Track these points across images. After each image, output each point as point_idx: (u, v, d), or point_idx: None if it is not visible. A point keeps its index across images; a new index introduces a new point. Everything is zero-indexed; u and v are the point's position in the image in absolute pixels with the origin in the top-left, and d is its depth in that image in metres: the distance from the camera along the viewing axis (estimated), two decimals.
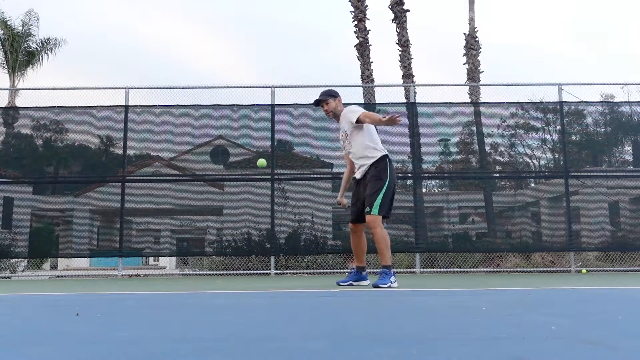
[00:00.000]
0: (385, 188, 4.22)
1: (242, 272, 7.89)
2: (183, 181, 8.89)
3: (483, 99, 11.13)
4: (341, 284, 4.55)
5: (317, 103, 4.52)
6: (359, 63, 11.41)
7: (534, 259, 8.29)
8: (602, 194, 8.68)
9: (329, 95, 4.50)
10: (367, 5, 11.68)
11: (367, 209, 4.23)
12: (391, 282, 4.22)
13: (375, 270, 7.94)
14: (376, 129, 4.47)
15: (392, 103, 8.96)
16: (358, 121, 4.24)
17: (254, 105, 8.36)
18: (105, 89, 8.65)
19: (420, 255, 7.85)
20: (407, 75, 11.42)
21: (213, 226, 11.34)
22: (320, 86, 8.61)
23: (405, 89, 10.52)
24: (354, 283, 4.56)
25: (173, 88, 8.51)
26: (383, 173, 4.28)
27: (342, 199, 4.78)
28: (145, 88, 9.05)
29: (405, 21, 11.66)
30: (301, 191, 8.46)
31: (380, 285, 4.15)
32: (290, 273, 7.80)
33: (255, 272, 7.90)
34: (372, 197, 4.23)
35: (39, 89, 8.89)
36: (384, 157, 4.34)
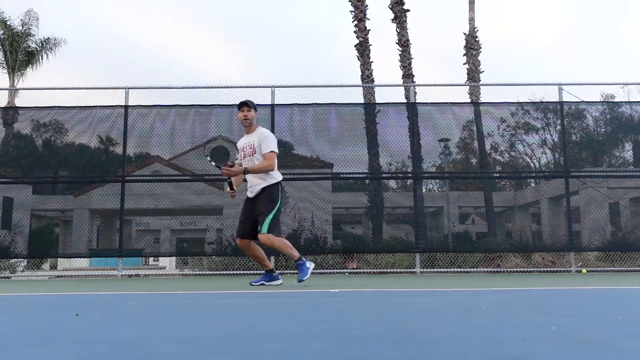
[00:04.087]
0: (275, 210, 4.57)
1: (242, 272, 7.89)
2: (183, 181, 8.89)
3: (483, 99, 11.13)
4: (253, 284, 4.73)
5: (243, 104, 4.76)
6: (359, 63, 11.40)
7: (534, 259, 8.29)
8: (602, 194, 8.68)
9: (254, 106, 4.83)
10: (367, 5, 11.69)
11: (259, 228, 4.52)
12: (309, 269, 4.59)
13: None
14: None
15: (392, 103, 8.96)
16: (264, 153, 4.61)
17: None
18: (105, 88, 8.65)
19: (420, 255, 7.85)
20: (407, 75, 11.42)
21: (213, 226, 11.33)
22: (320, 86, 8.68)
23: (405, 89, 10.52)
24: (266, 283, 4.73)
25: (173, 88, 8.51)
26: (275, 197, 4.62)
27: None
28: (145, 88, 9.06)
29: (405, 21, 11.66)
30: (301, 191, 8.46)
31: (304, 279, 4.50)
32: (290, 273, 7.80)
33: (255, 272, 7.89)
34: (263, 216, 4.53)
35: (38, 88, 8.90)
36: (278, 184, 4.69)
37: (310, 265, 4.59)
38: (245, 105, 4.77)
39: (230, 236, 8.29)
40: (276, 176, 4.69)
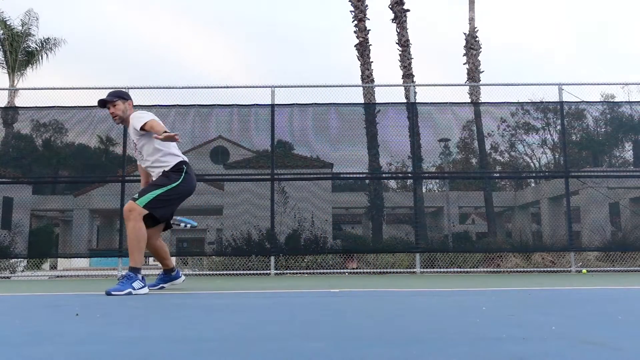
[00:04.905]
0: (167, 188, 3.79)
1: (242, 272, 7.89)
2: None
3: (483, 99, 11.14)
4: (151, 287, 4.05)
5: (103, 104, 3.96)
6: (359, 63, 11.41)
7: (534, 259, 8.29)
8: (602, 194, 8.68)
9: (118, 96, 3.97)
10: (367, 5, 11.69)
11: (136, 196, 3.77)
12: (133, 288, 3.59)
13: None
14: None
15: (392, 103, 8.97)
16: (142, 128, 3.74)
17: (253, 105, 8.37)
18: (105, 89, 8.62)
19: (420, 255, 7.85)
20: (407, 75, 11.42)
21: (213, 226, 11.33)
22: (320, 86, 8.68)
23: (405, 89, 10.53)
24: (166, 285, 4.26)
25: (173, 88, 8.51)
26: (173, 176, 3.86)
27: None
28: (145, 88, 9.04)
29: (405, 21, 11.66)
30: (301, 191, 8.46)
31: (113, 293, 3.50)
32: (290, 273, 7.80)
33: (255, 272, 7.90)
34: (147, 189, 3.80)
35: (38, 88, 8.90)
36: (181, 163, 3.93)
37: (138, 286, 3.63)
38: (104, 104, 3.98)
39: (231, 236, 8.29)
40: (174, 153, 4.03)
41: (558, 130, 8.92)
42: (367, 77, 11.24)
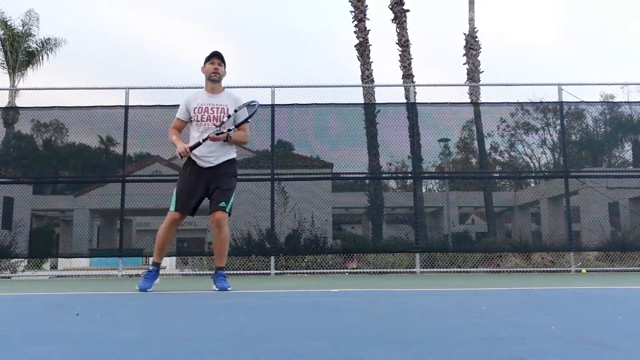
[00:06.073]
0: (234, 190, 4.03)
1: (242, 272, 7.89)
2: None
3: (483, 99, 11.14)
4: (149, 290, 4.02)
5: (217, 55, 4.05)
6: (359, 63, 11.41)
7: (534, 259, 8.29)
8: (602, 194, 8.68)
9: (225, 63, 4.12)
10: (367, 5, 11.69)
11: (223, 204, 3.89)
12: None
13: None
14: None
15: (392, 103, 8.97)
16: (244, 124, 4.03)
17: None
18: (105, 89, 8.66)
19: (420, 255, 7.85)
20: (407, 75, 11.42)
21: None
22: (320, 86, 8.67)
23: (405, 89, 10.52)
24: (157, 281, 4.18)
25: (173, 88, 8.51)
26: (236, 174, 4.12)
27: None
28: (145, 88, 9.06)
29: (405, 21, 11.66)
30: (301, 191, 8.45)
31: (229, 289, 3.94)
32: (290, 273, 7.80)
33: (255, 272, 7.90)
34: (228, 193, 3.94)
35: (39, 89, 8.90)
36: (235, 160, 4.15)
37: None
38: (219, 57, 4.04)
39: (231, 236, 8.28)
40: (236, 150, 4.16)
41: (558, 130, 8.92)
42: (367, 77, 11.24)
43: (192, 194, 4.02)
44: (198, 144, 3.92)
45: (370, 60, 11.37)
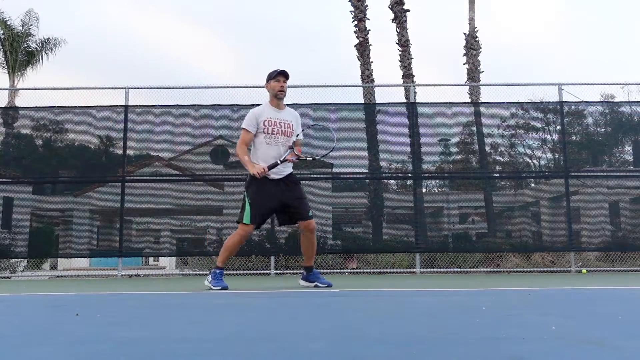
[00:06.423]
0: None
1: (242, 272, 7.89)
2: (183, 181, 8.88)
3: (483, 99, 11.13)
4: (321, 284, 4.33)
5: (284, 74, 4.43)
6: (359, 63, 11.40)
7: (534, 259, 8.29)
8: (602, 194, 8.68)
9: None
10: (367, 5, 11.68)
11: (311, 213, 4.33)
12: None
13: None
14: None
15: (392, 103, 8.96)
16: (300, 139, 4.47)
17: (253, 105, 8.35)
18: (105, 88, 8.65)
19: (420, 255, 7.85)
20: (407, 75, 11.41)
21: (213, 226, 11.33)
22: (320, 86, 8.67)
23: (405, 89, 10.52)
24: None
25: (173, 88, 8.51)
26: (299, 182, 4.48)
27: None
28: (145, 88, 9.04)
29: (405, 21, 11.66)
30: None
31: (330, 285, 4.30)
32: (290, 273, 7.80)
33: (255, 272, 7.90)
34: (307, 201, 4.36)
35: (38, 89, 8.89)
36: None
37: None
38: (285, 75, 4.41)
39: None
40: None
41: (558, 130, 8.91)
42: (367, 77, 11.24)
43: (271, 209, 4.33)
44: (276, 164, 4.21)
45: (370, 60, 11.37)
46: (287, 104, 8.45)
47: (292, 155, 4.26)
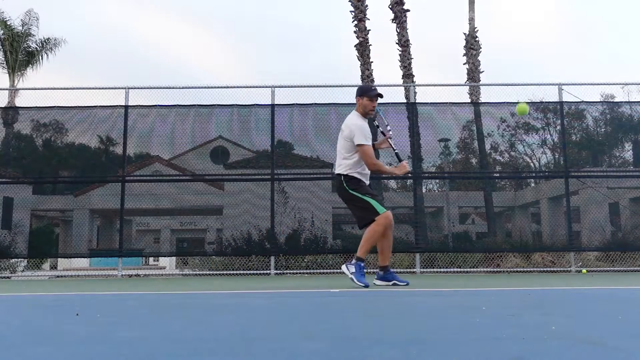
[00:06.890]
0: None
1: (242, 272, 7.89)
2: (183, 181, 8.89)
3: (483, 99, 11.12)
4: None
5: (380, 96, 4.86)
6: (359, 63, 11.40)
7: (534, 259, 8.29)
8: (602, 194, 8.68)
9: None
10: (367, 5, 11.68)
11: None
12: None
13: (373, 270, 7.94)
14: None
15: (392, 103, 8.96)
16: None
17: (253, 105, 8.36)
18: (105, 89, 8.65)
19: (420, 255, 7.85)
20: (407, 75, 11.41)
21: (213, 226, 11.32)
22: (320, 86, 8.68)
23: (405, 89, 10.52)
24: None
25: (173, 88, 8.51)
26: None
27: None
28: (145, 88, 9.04)
29: (405, 21, 11.65)
30: (301, 191, 8.45)
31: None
32: (290, 273, 7.80)
33: (255, 272, 7.90)
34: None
35: (38, 89, 8.89)
36: None
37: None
38: (379, 97, 4.93)
39: (231, 236, 8.29)
40: None
41: (558, 130, 8.91)
42: (367, 77, 11.24)
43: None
44: (397, 154, 5.02)
45: (370, 60, 11.37)
46: (288, 104, 8.50)
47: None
